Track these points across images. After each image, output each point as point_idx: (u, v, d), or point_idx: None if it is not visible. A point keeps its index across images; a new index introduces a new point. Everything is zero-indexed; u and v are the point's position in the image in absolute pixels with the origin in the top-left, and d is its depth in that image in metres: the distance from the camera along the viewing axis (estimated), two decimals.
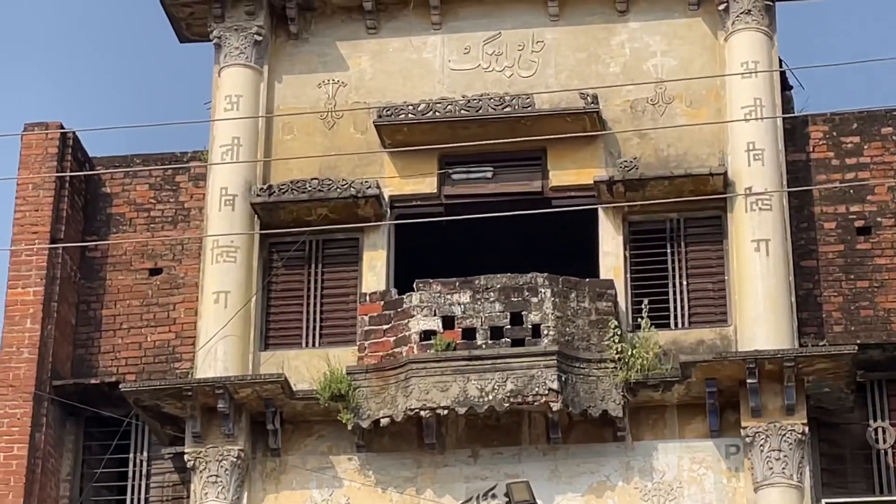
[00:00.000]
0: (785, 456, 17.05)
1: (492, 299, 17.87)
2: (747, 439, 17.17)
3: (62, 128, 19.43)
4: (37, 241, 19.07)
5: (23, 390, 18.35)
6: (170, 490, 18.76)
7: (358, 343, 18.30)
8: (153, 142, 23.48)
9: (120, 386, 18.11)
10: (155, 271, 19.64)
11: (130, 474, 18.97)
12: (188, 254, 19.58)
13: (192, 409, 17.80)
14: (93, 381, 18.89)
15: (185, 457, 17.88)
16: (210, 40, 19.97)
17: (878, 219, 18.56)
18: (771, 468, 17.02)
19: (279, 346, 18.87)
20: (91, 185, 20.06)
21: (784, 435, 17.09)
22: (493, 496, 17.48)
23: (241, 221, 19.02)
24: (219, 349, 18.33)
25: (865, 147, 19.00)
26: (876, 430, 17.79)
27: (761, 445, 17.13)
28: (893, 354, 17.79)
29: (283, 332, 19.07)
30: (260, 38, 19.71)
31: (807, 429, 17.14)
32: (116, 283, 19.74)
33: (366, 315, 18.31)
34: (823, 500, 17.12)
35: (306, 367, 18.39)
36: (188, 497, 18.04)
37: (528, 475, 17.33)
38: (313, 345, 18.83)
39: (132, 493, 18.87)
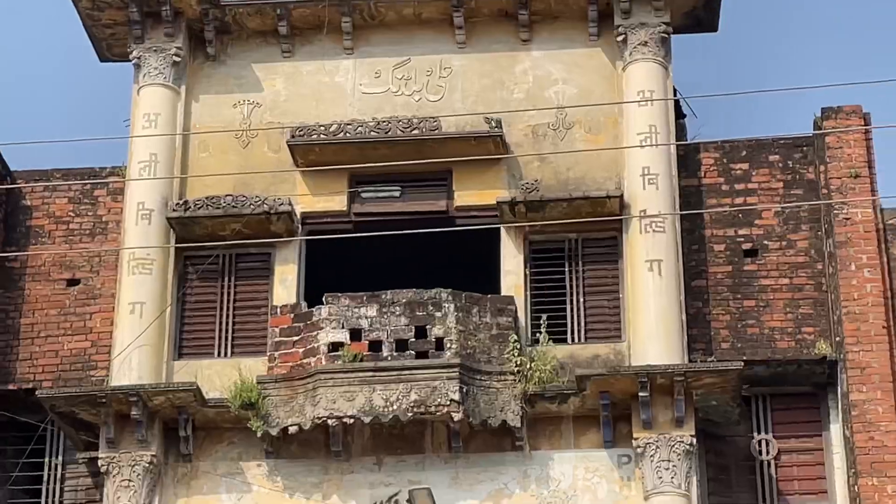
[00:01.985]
0: (674, 466, 17.13)
1: (397, 313, 17.87)
2: (638, 450, 17.25)
3: None
4: None
5: None
6: (83, 494, 18.64)
7: (268, 354, 18.23)
8: (73, 157, 23.44)
9: (36, 392, 17.97)
10: (73, 282, 19.46)
11: (45, 478, 18.79)
12: (105, 265, 19.39)
13: (107, 416, 17.66)
14: (10, 387, 18.75)
15: (99, 462, 17.73)
16: (130, 60, 19.86)
17: (765, 242, 18.80)
18: (660, 477, 17.10)
19: (192, 356, 18.75)
20: (11, 198, 19.91)
21: (673, 446, 17.15)
22: (397, 502, 17.56)
23: (157, 235, 18.94)
24: (133, 358, 18.17)
25: (753, 173, 19.17)
26: (760, 442, 18.02)
27: (651, 456, 17.18)
28: (777, 371, 18.06)
29: (197, 343, 18.97)
30: (178, 59, 19.67)
31: (695, 440, 17.24)
32: (35, 292, 19.52)
33: (276, 327, 18.34)
34: None
35: (218, 377, 18.30)
36: (101, 501, 17.94)
37: (430, 482, 17.39)
38: (225, 355, 18.74)
39: (47, 497, 18.74)
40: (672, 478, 17.06)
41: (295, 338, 18.00)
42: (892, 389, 17.48)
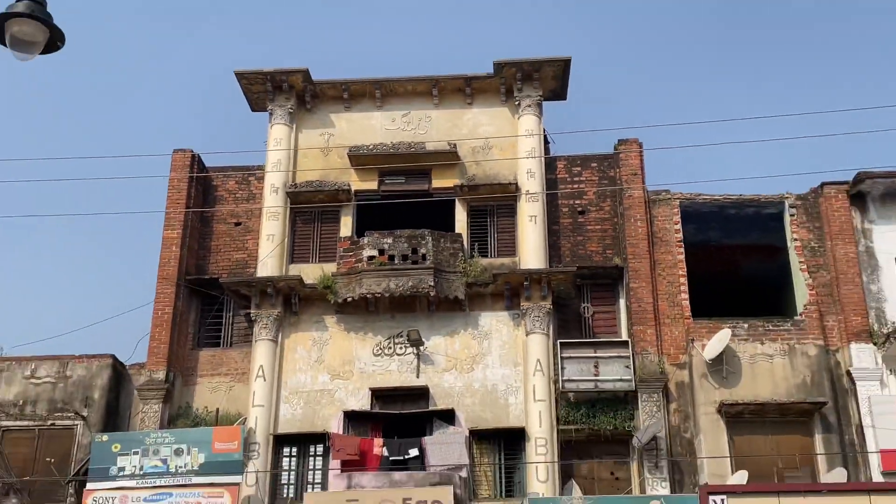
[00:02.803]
0: (541, 319, 21.33)
1: (403, 241, 21.72)
2: (523, 311, 21.51)
3: (193, 151, 23.13)
4: (178, 208, 22.76)
5: (171, 280, 22.50)
6: (243, 331, 22.59)
7: (337, 261, 22.18)
8: (238, 160, 24.28)
9: (219, 280, 22.45)
10: (237, 223, 23.33)
11: (223, 324, 23.02)
12: (254, 215, 23.11)
13: (255, 292, 21.97)
14: (206, 277, 23.00)
15: (251, 314, 22.04)
16: (266, 111, 23.79)
17: (589, 207, 22.89)
18: (534, 325, 21.41)
19: (299, 262, 22.54)
20: (207, 181, 23.76)
21: (541, 309, 21.40)
22: (401, 336, 21.68)
23: (281, 200, 22.78)
24: (269, 262, 22.22)
25: (584, 172, 23.21)
26: (584, 307, 22.39)
27: (530, 315, 21.40)
28: (594, 272, 22.23)
29: (301, 255, 22.59)
30: (292, 111, 23.56)
31: (552, 307, 21.54)
32: (217, 229, 22.85)
33: (342, 248, 22.27)
34: (559, 340, 21.04)
35: (312, 272, 22.22)
36: (252, 335, 21.94)
37: (419, 326, 21.53)
38: (316, 261, 22.53)
39: (223, 333, 22.91)
40: (540, 326, 21.33)
41: (351, 253, 21.98)
42: (650, 282, 21.57)
